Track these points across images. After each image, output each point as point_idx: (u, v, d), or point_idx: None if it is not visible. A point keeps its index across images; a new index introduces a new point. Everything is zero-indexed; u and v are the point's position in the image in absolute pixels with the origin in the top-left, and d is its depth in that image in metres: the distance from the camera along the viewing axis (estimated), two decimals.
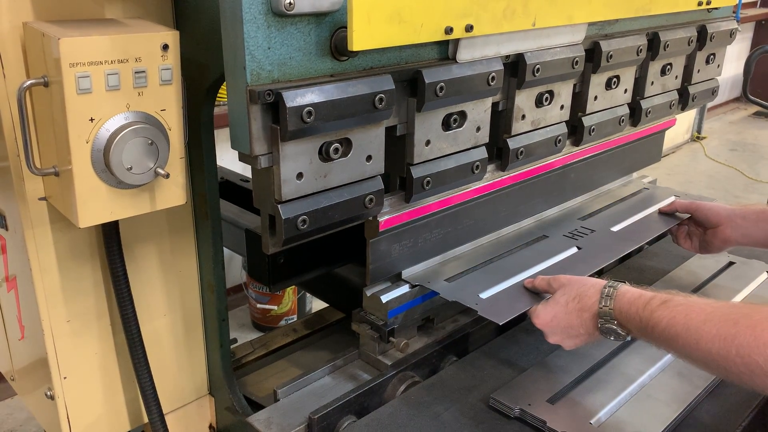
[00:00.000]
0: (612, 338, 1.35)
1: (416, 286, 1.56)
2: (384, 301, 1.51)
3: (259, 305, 3.88)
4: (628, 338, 1.34)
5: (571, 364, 1.50)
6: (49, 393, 1.45)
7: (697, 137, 7.68)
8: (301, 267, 1.61)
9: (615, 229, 1.91)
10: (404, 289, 1.55)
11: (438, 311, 1.67)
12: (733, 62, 7.99)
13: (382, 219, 1.42)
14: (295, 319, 3.85)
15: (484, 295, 1.53)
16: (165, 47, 1.19)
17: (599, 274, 1.73)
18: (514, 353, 1.60)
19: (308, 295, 3.98)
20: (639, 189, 2.20)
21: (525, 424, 1.35)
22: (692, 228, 1.93)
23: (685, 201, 1.97)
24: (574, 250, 1.78)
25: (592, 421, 1.33)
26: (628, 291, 1.32)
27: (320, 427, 1.40)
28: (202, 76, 1.33)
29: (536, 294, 1.54)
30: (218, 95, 1.42)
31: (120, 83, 1.15)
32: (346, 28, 1.15)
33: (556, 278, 1.48)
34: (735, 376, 1.12)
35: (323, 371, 1.58)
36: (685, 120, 7.43)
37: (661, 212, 2.01)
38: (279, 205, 1.20)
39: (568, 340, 1.42)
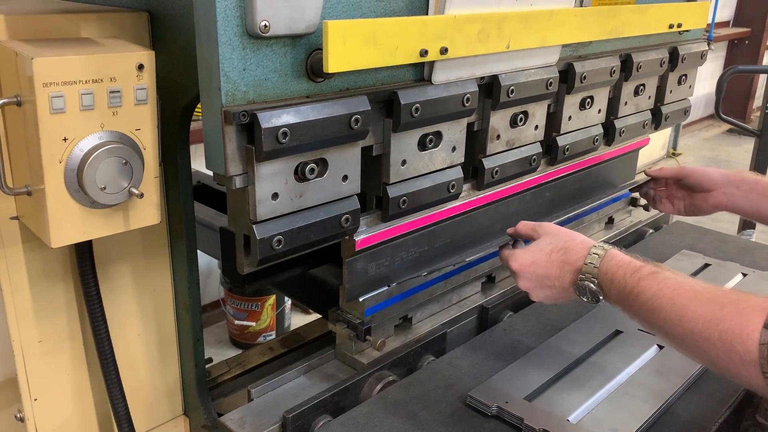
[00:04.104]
0: (585, 299, 1.30)
1: (393, 284, 1.56)
2: (361, 300, 1.51)
3: (236, 321, 3.85)
4: (600, 303, 1.30)
5: (548, 362, 1.51)
6: (19, 415, 1.43)
7: (673, 154, 7.80)
8: (277, 267, 1.59)
9: None
10: (381, 287, 1.55)
11: (416, 310, 1.68)
12: (707, 80, 8.15)
13: (358, 238, 1.42)
14: (274, 336, 3.83)
15: None
16: (140, 67, 1.19)
17: None
18: (491, 352, 1.60)
19: (287, 311, 3.96)
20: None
21: (502, 422, 1.35)
22: (675, 191, 1.91)
23: (674, 167, 1.94)
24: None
25: (569, 418, 1.33)
26: (618, 254, 1.29)
27: (294, 426, 1.38)
28: (178, 96, 1.33)
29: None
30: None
31: (94, 103, 1.15)
32: (321, 50, 1.16)
33: (542, 225, 1.43)
34: (710, 360, 1.09)
35: (298, 371, 1.57)
36: (661, 137, 7.54)
37: (648, 175, 1.98)
38: (254, 226, 1.20)
39: (540, 290, 1.38)
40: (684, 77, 2.17)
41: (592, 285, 1.28)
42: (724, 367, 1.08)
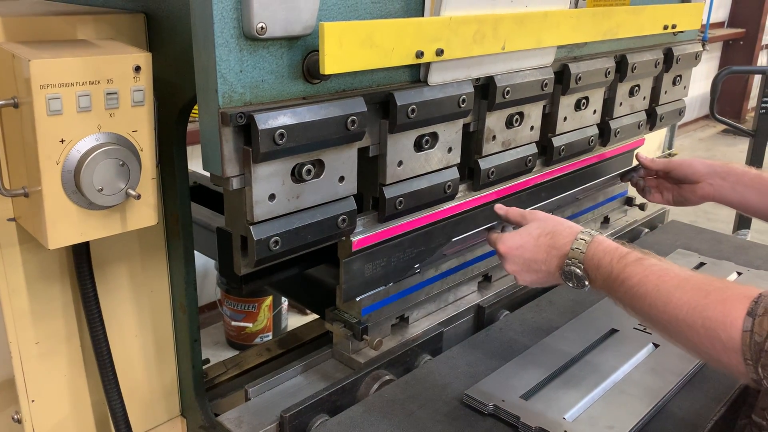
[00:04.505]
0: (570, 284, 1.32)
1: (390, 284, 1.57)
2: (358, 299, 1.52)
3: (233, 323, 3.85)
4: (586, 288, 1.31)
5: (544, 361, 1.52)
6: (16, 416, 1.43)
7: (669, 154, 7.82)
8: (274, 267, 1.60)
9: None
10: (379, 288, 1.55)
11: (412, 310, 1.69)
12: (702, 81, 8.17)
13: (355, 239, 1.42)
14: (270, 337, 3.84)
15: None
16: (137, 69, 1.19)
17: None
18: (487, 351, 1.61)
19: (283, 312, 3.96)
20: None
21: (499, 420, 1.36)
22: (663, 183, 1.94)
23: (662, 160, 1.96)
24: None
25: (566, 416, 1.34)
26: (605, 241, 1.30)
27: (292, 425, 1.39)
28: (175, 97, 1.33)
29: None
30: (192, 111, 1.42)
31: (91, 105, 1.15)
32: (318, 51, 1.16)
33: (533, 212, 1.45)
34: (693, 347, 1.10)
35: (295, 370, 1.57)
36: (657, 137, 7.51)
37: (638, 160, 2.00)
38: (251, 227, 1.21)
39: (526, 273, 1.39)
40: (679, 78, 2.18)
41: (578, 270, 1.29)
42: (707, 354, 1.09)
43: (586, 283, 1.30)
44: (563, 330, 1.66)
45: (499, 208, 1.53)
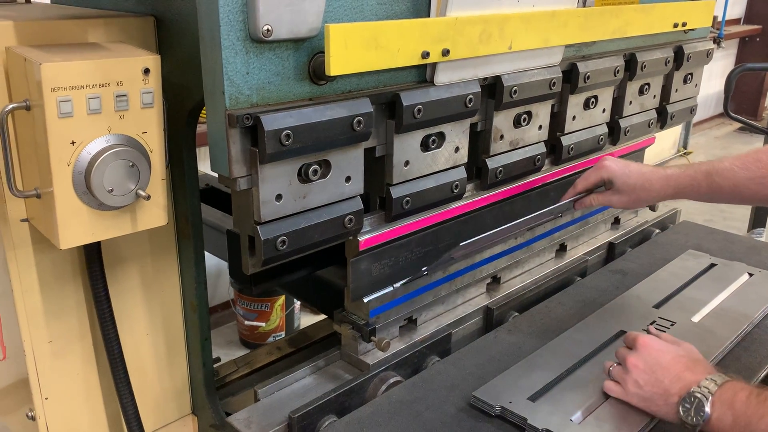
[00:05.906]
0: (681, 411, 1.26)
1: (397, 284, 1.58)
2: (366, 301, 1.53)
3: (246, 322, 3.87)
4: (693, 429, 1.25)
5: (552, 363, 1.52)
6: (30, 414, 1.45)
7: (684, 152, 7.76)
8: (283, 269, 1.61)
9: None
10: (386, 288, 1.56)
11: (420, 311, 1.70)
12: (718, 78, 8.09)
13: (362, 238, 1.43)
14: (283, 336, 3.86)
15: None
16: (146, 71, 1.21)
17: None
18: (495, 353, 1.61)
19: (296, 311, 3.98)
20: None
21: (506, 422, 1.36)
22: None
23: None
24: None
25: (572, 418, 1.34)
26: (739, 382, 1.26)
27: (300, 426, 1.40)
28: (184, 99, 1.35)
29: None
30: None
31: (101, 107, 1.17)
32: (323, 53, 1.17)
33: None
34: None
35: (304, 371, 1.59)
36: (671, 135, 7.50)
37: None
38: (258, 227, 1.22)
39: (644, 374, 1.34)
40: (690, 76, 2.17)
41: (704, 399, 1.23)
42: None
43: (701, 420, 1.22)
44: (571, 332, 1.66)
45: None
